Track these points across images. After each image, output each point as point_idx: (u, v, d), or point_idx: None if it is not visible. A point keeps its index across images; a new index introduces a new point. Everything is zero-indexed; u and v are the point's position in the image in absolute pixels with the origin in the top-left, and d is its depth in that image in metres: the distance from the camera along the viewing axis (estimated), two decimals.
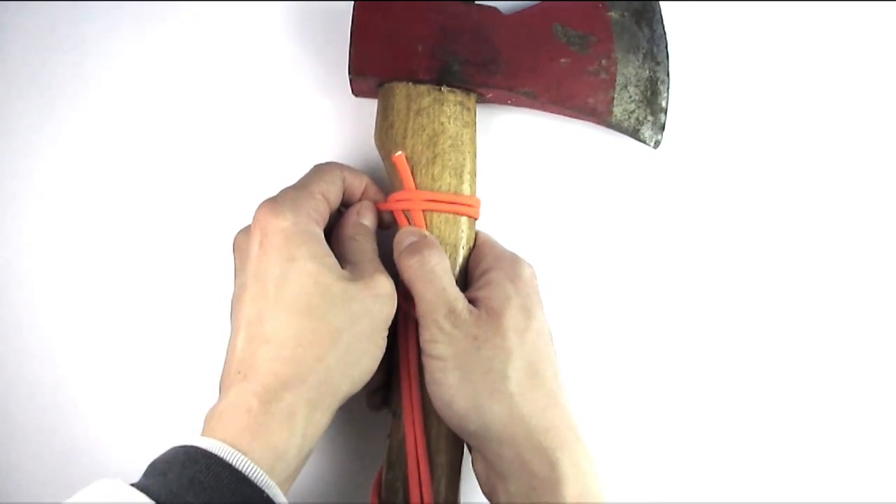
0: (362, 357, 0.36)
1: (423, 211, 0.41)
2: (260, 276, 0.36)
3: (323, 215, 0.39)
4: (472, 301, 0.39)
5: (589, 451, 0.38)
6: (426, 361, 0.38)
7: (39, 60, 0.48)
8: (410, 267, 0.39)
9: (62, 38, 0.48)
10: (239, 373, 0.34)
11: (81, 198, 0.48)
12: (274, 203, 0.37)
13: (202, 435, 0.33)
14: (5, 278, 0.47)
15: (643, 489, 0.48)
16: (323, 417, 0.35)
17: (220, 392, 0.36)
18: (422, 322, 0.39)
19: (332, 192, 0.40)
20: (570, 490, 0.35)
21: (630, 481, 0.48)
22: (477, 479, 0.39)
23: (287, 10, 0.48)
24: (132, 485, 0.30)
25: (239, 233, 0.39)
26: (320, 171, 0.40)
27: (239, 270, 0.38)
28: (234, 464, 0.31)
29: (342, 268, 0.37)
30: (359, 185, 0.42)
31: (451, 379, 0.37)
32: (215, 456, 0.31)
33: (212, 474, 0.30)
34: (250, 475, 0.31)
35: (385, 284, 0.37)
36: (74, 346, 0.47)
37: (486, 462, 0.38)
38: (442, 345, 0.37)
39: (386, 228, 0.43)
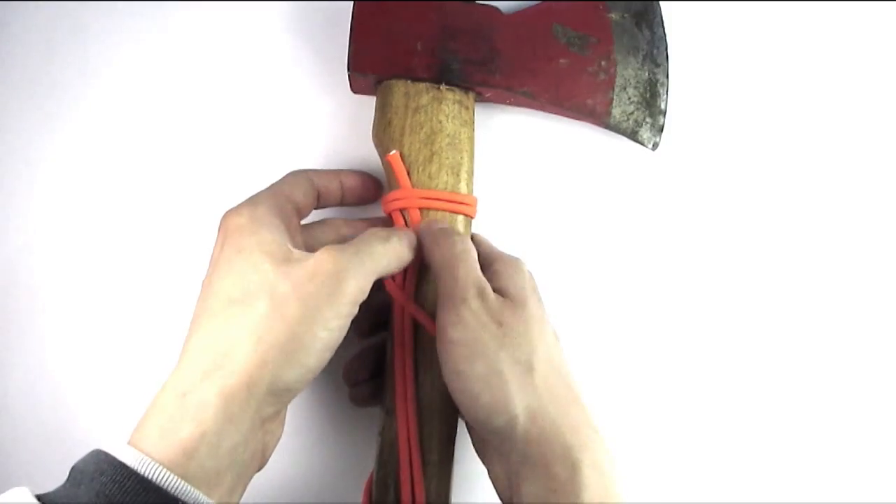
0: (290, 345, 0.32)
1: (420, 209, 0.41)
2: (212, 273, 0.35)
3: (283, 209, 0.38)
4: None
5: (610, 450, 0.36)
6: (448, 350, 0.36)
7: (40, 60, 0.48)
8: (445, 245, 0.38)
9: (63, 37, 0.48)
10: (173, 370, 0.34)
11: (82, 197, 0.48)
12: (235, 206, 0.37)
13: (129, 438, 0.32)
14: (6, 277, 0.47)
15: (642, 489, 0.48)
16: (243, 412, 0.32)
17: None
18: (447, 303, 0.36)
19: (296, 193, 0.39)
20: (589, 494, 0.34)
21: (629, 482, 0.48)
22: (494, 483, 0.37)
23: (286, 8, 0.48)
24: (40, 496, 0.29)
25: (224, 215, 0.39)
26: (286, 175, 0.41)
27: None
28: (140, 471, 0.29)
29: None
30: (333, 184, 0.42)
31: (478, 369, 0.35)
32: (121, 464, 0.29)
33: (117, 485, 0.29)
34: (159, 481, 0.29)
35: (326, 262, 0.34)
36: (75, 346, 0.47)
37: (507, 463, 0.36)
38: (467, 328, 0.35)
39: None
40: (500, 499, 0.37)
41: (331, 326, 0.34)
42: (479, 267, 0.38)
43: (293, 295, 0.33)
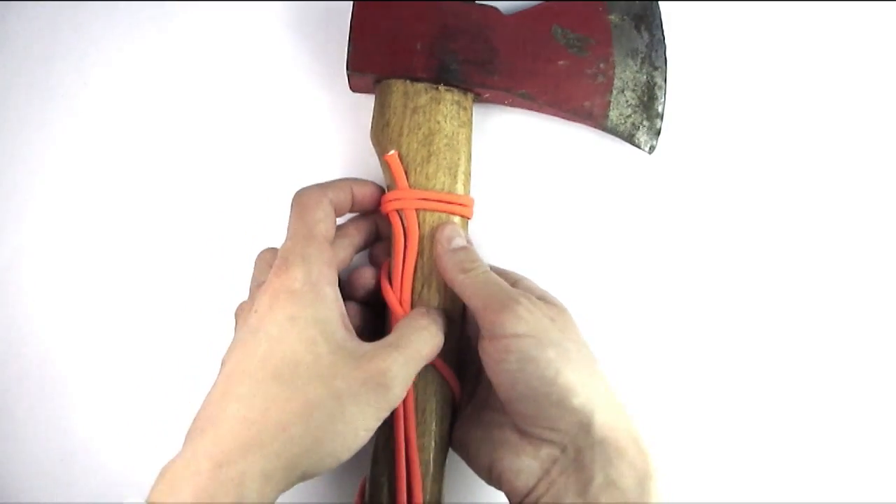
0: (334, 439, 0.33)
1: (417, 210, 0.41)
2: (257, 332, 0.34)
3: (331, 264, 0.37)
4: None
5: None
6: (510, 344, 0.36)
7: (39, 60, 0.48)
8: (471, 271, 0.39)
9: (62, 38, 0.48)
10: (201, 428, 0.33)
11: (81, 196, 0.48)
12: (284, 262, 0.36)
13: (150, 495, 0.32)
14: (5, 278, 0.47)
15: None
16: (274, 492, 0.32)
17: (183, 443, 0.34)
18: (493, 308, 0.37)
19: (329, 227, 0.39)
20: (659, 487, 0.35)
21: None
22: (513, 477, 0.37)
23: (286, 8, 0.48)
24: None
25: (240, 304, 0.38)
26: (308, 200, 0.39)
27: (238, 327, 0.37)
28: None
29: (356, 334, 0.36)
30: (346, 196, 0.41)
31: (550, 353, 0.36)
32: None
33: None
34: None
35: (378, 371, 0.34)
36: (75, 345, 0.47)
37: (558, 453, 0.36)
38: (528, 321, 0.36)
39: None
40: (511, 494, 0.37)
41: (370, 427, 0.34)
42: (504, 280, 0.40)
43: (346, 393, 0.33)
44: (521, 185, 0.48)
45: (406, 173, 0.42)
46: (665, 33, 0.47)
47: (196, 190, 0.48)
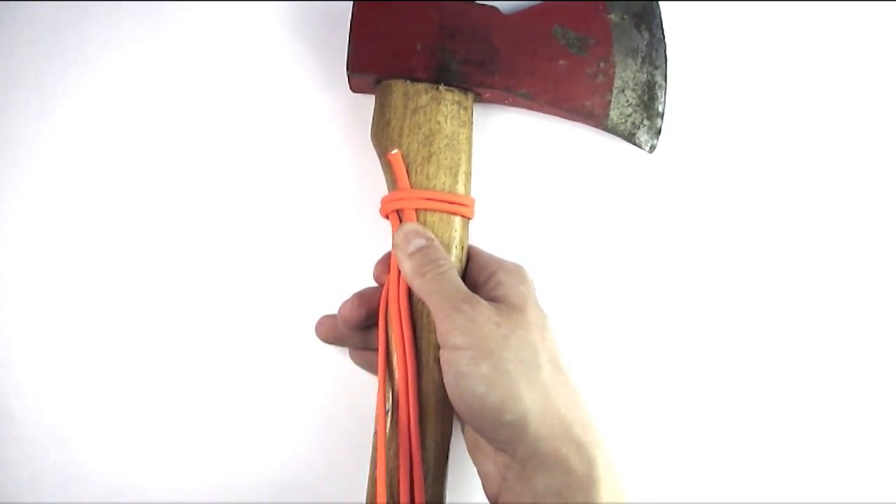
0: None
1: (417, 210, 0.41)
2: None
3: None
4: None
5: (615, 451, 0.37)
6: (449, 356, 0.37)
7: (39, 60, 0.48)
8: (426, 275, 0.38)
9: (62, 38, 0.48)
10: None
11: (80, 197, 0.48)
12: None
13: None
14: (4, 277, 0.47)
15: (639, 491, 0.48)
16: None
17: None
18: (439, 317, 0.37)
19: None
20: (606, 490, 0.34)
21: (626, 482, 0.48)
22: (484, 481, 0.38)
23: (286, 8, 0.48)
24: None
25: None
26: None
27: None
28: None
29: None
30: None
31: (483, 369, 0.35)
32: None
33: None
34: None
35: None
36: (75, 345, 0.47)
37: (509, 460, 0.36)
38: (465, 332, 0.36)
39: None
40: (487, 496, 0.38)
41: None
42: (461, 282, 0.39)
43: None
44: (522, 186, 0.48)
45: (407, 173, 0.41)
46: (665, 32, 0.47)
47: (195, 190, 0.48)
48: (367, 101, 0.45)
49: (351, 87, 0.45)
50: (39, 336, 0.47)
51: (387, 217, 0.42)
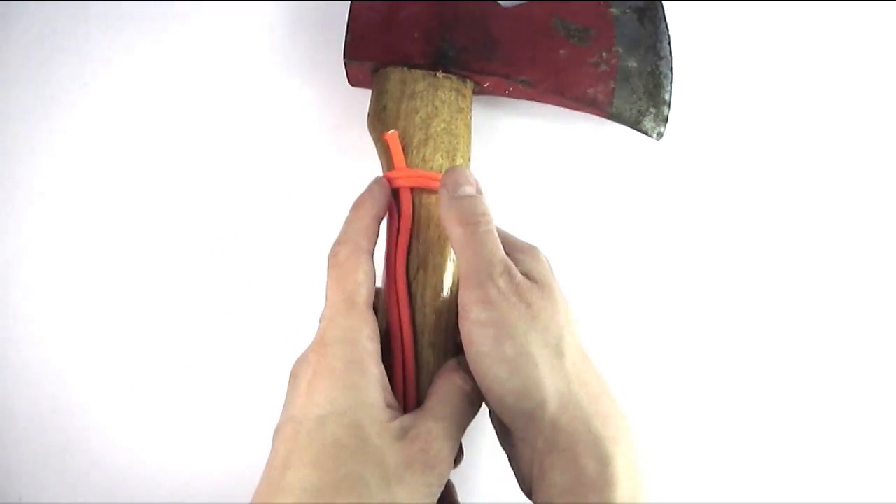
0: None
1: (413, 188, 0.39)
2: (296, 417, 0.32)
3: (376, 326, 0.35)
4: None
5: (640, 445, 0.34)
6: (472, 331, 0.33)
7: (39, 60, 0.48)
8: (470, 226, 0.35)
9: (62, 38, 0.49)
10: None
11: (80, 197, 0.47)
12: (323, 338, 0.34)
13: None
14: (5, 276, 0.47)
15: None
16: None
17: None
18: (471, 282, 0.34)
19: (371, 287, 0.35)
20: (622, 491, 0.31)
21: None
22: (516, 470, 0.35)
23: (285, 8, 0.49)
24: None
25: (296, 362, 0.35)
26: (347, 271, 0.35)
27: (287, 402, 0.35)
28: None
29: (397, 405, 0.34)
30: (375, 231, 0.37)
31: (506, 351, 0.32)
32: None
33: None
34: None
35: (430, 452, 0.32)
36: (75, 344, 0.46)
37: (531, 450, 0.33)
38: (491, 308, 0.33)
39: None
40: (520, 486, 0.35)
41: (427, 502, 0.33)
42: (501, 247, 0.35)
43: (393, 476, 0.31)
44: (527, 175, 0.48)
45: (403, 155, 0.40)
46: (669, 26, 0.46)
47: (195, 187, 0.47)
48: (363, 96, 0.45)
49: (349, 79, 0.45)
50: (39, 336, 0.46)
51: None
